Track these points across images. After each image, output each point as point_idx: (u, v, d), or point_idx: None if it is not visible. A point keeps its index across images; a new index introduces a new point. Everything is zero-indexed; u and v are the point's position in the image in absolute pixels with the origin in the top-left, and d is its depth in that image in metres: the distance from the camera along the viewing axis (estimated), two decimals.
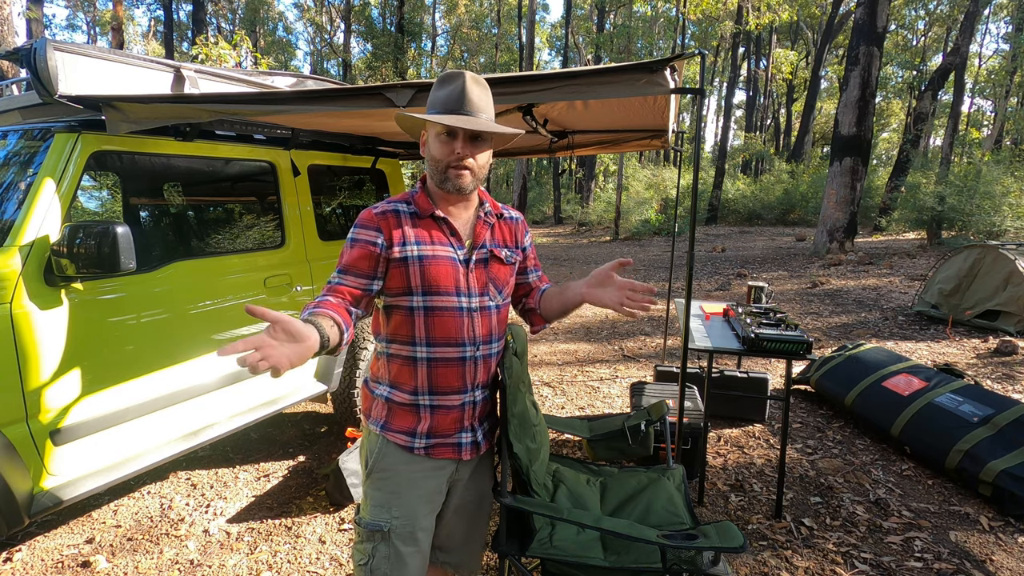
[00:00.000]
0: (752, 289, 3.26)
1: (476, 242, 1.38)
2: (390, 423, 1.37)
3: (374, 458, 1.37)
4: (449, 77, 1.32)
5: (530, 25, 18.37)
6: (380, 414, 1.39)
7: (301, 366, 1.32)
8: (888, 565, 2.27)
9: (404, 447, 1.36)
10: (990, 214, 10.47)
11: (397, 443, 1.36)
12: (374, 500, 1.36)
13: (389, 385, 1.37)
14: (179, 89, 2.50)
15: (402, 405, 1.36)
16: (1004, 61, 23.28)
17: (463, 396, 1.37)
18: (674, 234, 4.52)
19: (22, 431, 1.90)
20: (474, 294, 1.35)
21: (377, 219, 1.31)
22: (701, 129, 2.31)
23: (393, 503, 1.34)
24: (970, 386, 3.27)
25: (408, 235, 1.31)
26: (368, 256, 1.30)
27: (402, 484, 1.35)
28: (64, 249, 1.89)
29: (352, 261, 1.30)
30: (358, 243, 1.30)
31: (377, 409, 1.40)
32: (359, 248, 1.30)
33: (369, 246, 1.30)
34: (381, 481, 1.36)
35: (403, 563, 1.33)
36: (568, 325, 6.43)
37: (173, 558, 2.31)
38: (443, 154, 1.30)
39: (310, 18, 31.32)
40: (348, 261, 1.31)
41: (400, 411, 1.36)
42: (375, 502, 1.36)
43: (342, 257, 1.32)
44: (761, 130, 31.51)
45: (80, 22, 33.03)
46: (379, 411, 1.39)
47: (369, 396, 1.43)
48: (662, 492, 1.80)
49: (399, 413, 1.36)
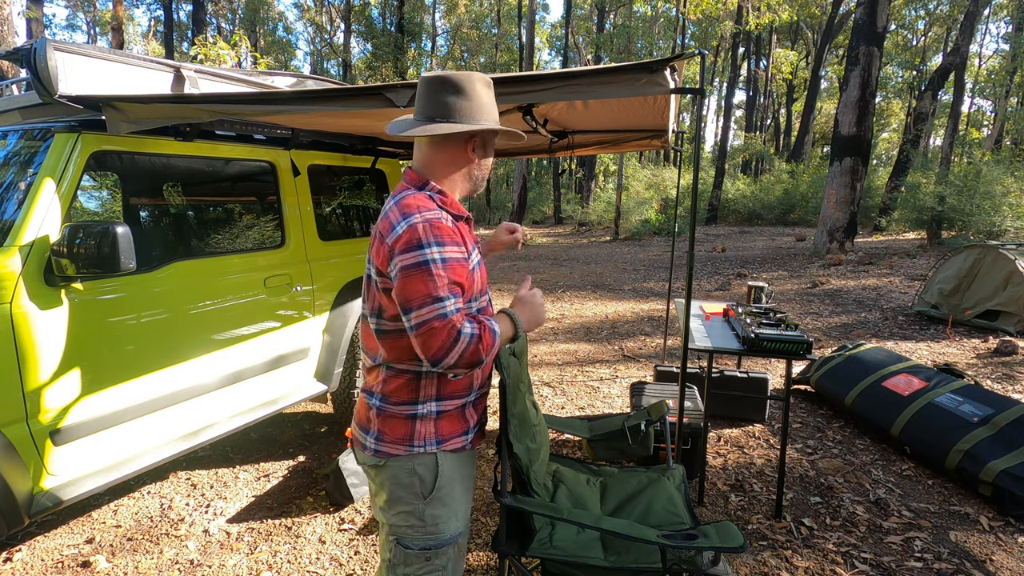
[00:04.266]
0: (752, 289, 3.26)
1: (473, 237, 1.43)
2: (443, 434, 1.34)
3: (438, 479, 1.32)
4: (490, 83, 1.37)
5: (530, 25, 18.37)
6: (429, 432, 1.32)
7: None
8: (888, 565, 2.27)
9: (460, 449, 1.36)
10: (990, 214, 10.47)
11: (454, 449, 1.35)
12: (440, 518, 1.34)
13: (436, 400, 1.32)
14: (179, 89, 2.50)
15: (453, 411, 1.35)
16: (1004, 61, 23.26)
17: (491, 379, 1.46)
18: (674, 234, 4.51)
19: (22, 431, 1.90)
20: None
21: (455, 232, 1.25)
22: (701, 129, 2.31)
23: (458, 510, 1.38)
24: (970, 386, 3.27)
25: (468, 243, 1.31)
26: (467, 272, 1.26)
27: (458, 487, 1.37)
28: (64, 249, 1.89)
29: (461, 279, 1.23)
30: (458, 261, 1.22)
31: (423, 429, 1.32)
32: (459, 266, 1.22)
33: (466, 261, 1.26)
34: (447, 496, 1.35)
35: (462, 554, 1.43)
36: (568, 325, 6.44)
37: (173, 558, 2.31)
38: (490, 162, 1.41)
39: (310, 18, 31.32)
40: (459, 282, 1.22)
41: (449, 418, 1.34)
42: (443, 519, 1.34)
43: (446, 281, 1.18)
44: (761, 130, 31.51)
45: (80, 22, 33.05)
46: (427, 430, 1.32)
47: (404, 423, 1.31)
48: (662, 492, 1.80)
49: (449, 421, 1.34)
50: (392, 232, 1.21)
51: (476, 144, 1.35)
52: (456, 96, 1.29)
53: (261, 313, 2.74)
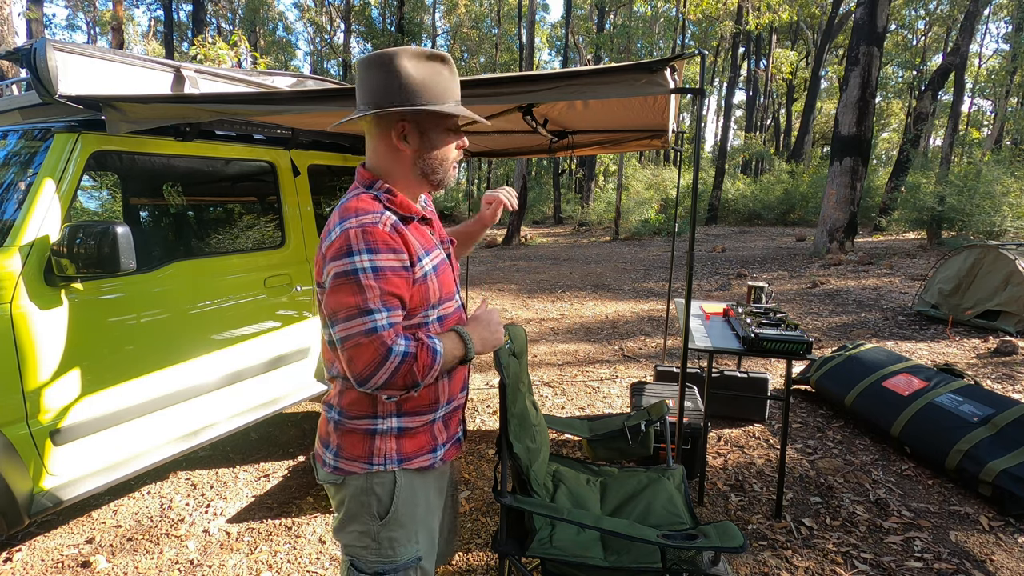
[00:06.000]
0: (752, 289, 3.26)
1: (442, 235, 1.33)
2: (406, 452, 1.23)
3: (395, 499, 1.22)
4: (442, 58, 1.16)
5: (530, 25, 18.37)
6: (390, 449, 1.21)
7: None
8: (888, 565, 2.27)
9: (426, 467, 1.25)
10: (990, 214, 10.47)
11: (419, 467, 1.24)
12: (397, 540, 1.23)
13: (398, 415, 1.21)
14: (179, 89, 2.50)
15: (418, 428, 1.23)
16: (1004, 61, 23.28)
17: (465, 390, 1.35)
18: (674, 234, 4.51)
19: (22, 431, 1.91)
20: (459, 287, 1.34)
21: (394, 238, 1.11)
22: (701, 129, 2.31)
23: (419, 531, 1.26)
24: (970, 386, 3.27)
25: (416, 247, 1.16)
26: (406, 282, 1.12)
27: (420, 508, 1.27)
28: (64, 249, 1.89)
29: (398, 291, 1.10)
30: (394, 271, 1.10)
31: (383, 446, 1.21)
32: (395, 276, 1.10)
33: (404, 271, 1.12)
34: (404, 517, 1.24)
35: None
36: (568, 325, 6.44)
37: (173, 558, 2.31)
38: (451, 149, 1.22)
39: (310, 18, 31.32)
40: (394, 293, 1.10)
41: (414, 435, 1.23)
42: (399, 542, 1.24)
43: (378, 292, 1.08)
44: (761, 130, 31.51)
45: (80, 22, 33.05)
46: (387, 447, 1.21)
47: (363, 439, 1.21)
48: (662, 492, 1.80)
49: (413, 438, 1.23)
50: (327, 238, 1.11)
51: (408, 131, 1.16)
52: (378, 76, 1.12)
53: (261, 313, 2.74)
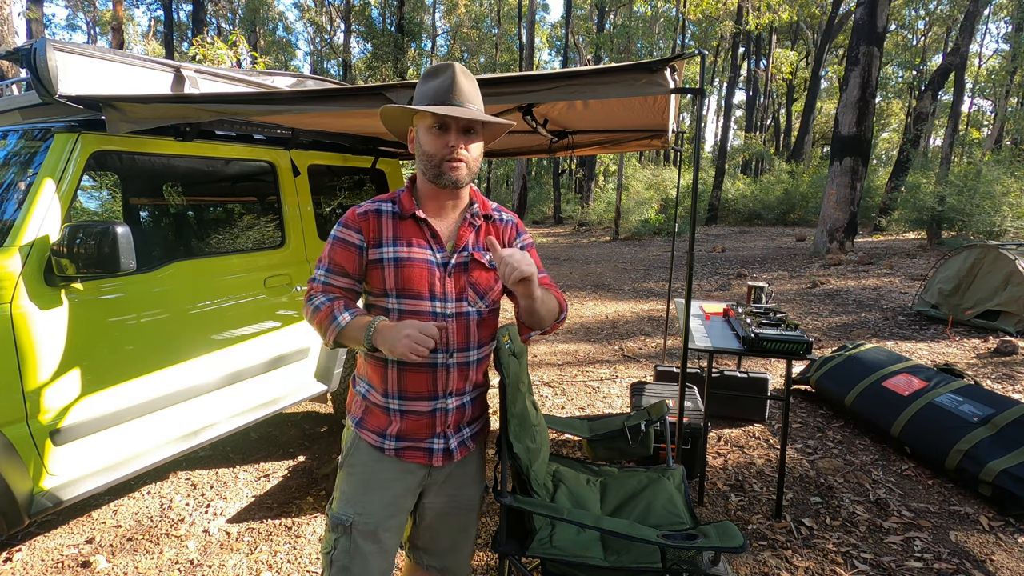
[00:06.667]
0: (752, 289, 3.26)
1: (458, 245, 1.33)
2: (365, 421, 1.38)
3: (347, 452, 1.40)
4: (438, 69, 1.29)
5: (530, 25, 18.38)
6: (358, 411, 1.40)
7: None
8: (888, 565, 2.27)
9: (375, 446, 1.36)
10: (990, 214, 10.47)
11: (368, 441, 1.37)
12: (343, 494, 1.38)
13: (367, 384, 1.38)
14: (179, 89, 2.50)
15: (376, 405, 1.36)
16: (1004, 61, 23.27)
17: (433, 403, 1.33)
18: (674, 234, 4.52)
19: (22, 431, 1.90)
20: (450, 299, 1.30)
21: (359, 219, 1.32)
22: (701, 129, 2.31)
23: (359, 499, 1.35)
24: (970, 386, 3.27)
25: (386, 236, 1.31)
26: (351, 257, 1.32)
27: (370, 482, 1.36)
28: (64, 249, 1.89)
29: (339, 260, 1.33)
30: (341, 243, 1.32)
31: (356, 405, 1.41)
32: (341, 248, 1.32)
33: (351, 247, 1.32)
34: (351, 476, 1.38)
35: (364, 558, 1.32)
36: (568, 325, 6.43)
37: (173, 558, 2.31)
38: (436, 148, 1.26)
39: (310, 18, 31.32)
40: (334, 260, 1.33)
41: (374, 410, 1.37)
42: (343, 496, 1.37)
43: (326, 254, 1.34)
44: (761, 130, 31.51)
45: (80, 22, 33.05)
46: (357, 407, 1.41)
47: (353, 395, 1.44)
48: (662, 492, 1.80)
49: (373, 412, 1.37)
50: None
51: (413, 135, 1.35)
52: None
53: (261, 313, 2.74)
